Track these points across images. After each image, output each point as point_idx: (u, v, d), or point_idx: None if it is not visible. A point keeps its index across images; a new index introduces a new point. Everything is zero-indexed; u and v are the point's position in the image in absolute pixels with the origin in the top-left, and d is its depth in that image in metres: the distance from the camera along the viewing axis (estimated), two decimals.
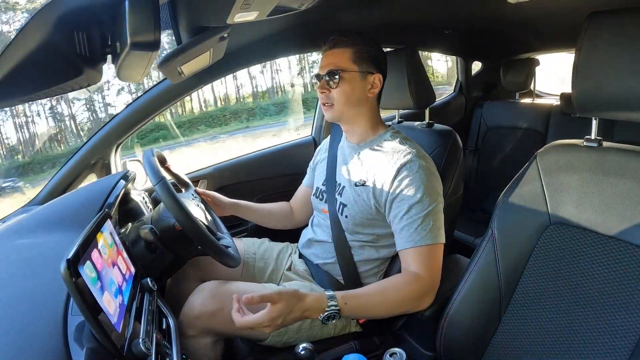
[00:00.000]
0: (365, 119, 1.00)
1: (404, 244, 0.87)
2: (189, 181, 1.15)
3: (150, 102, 1.25)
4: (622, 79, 0.62)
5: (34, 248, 0.77)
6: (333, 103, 0.97)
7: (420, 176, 0.87)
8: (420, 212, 0.86)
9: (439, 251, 0.87)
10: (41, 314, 0.56)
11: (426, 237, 0.85)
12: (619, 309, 0.63)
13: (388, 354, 0.69)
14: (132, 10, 0.52)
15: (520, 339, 0.74)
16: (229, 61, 1.19)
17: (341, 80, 0.94)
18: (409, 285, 0.84)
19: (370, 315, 0.85)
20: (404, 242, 0.87)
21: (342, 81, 0.94)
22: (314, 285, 1.02)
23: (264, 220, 1.24)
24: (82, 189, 1.09)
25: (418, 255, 0.85)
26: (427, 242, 0.85)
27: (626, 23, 0.62)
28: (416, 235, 0.85)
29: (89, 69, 0.62)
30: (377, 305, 0.83)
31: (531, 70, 2.15)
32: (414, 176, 0.87)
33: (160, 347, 0.64)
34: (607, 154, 0.69)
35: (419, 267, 0.85)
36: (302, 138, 1.75)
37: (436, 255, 0.86)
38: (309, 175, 1.24)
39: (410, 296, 0.83)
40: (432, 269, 0.85)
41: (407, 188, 0.87)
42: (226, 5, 0.68)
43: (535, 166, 0.77)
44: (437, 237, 0.86)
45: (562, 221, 0.71)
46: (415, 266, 0.85)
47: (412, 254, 0.86)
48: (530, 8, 1.21)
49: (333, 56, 0.95)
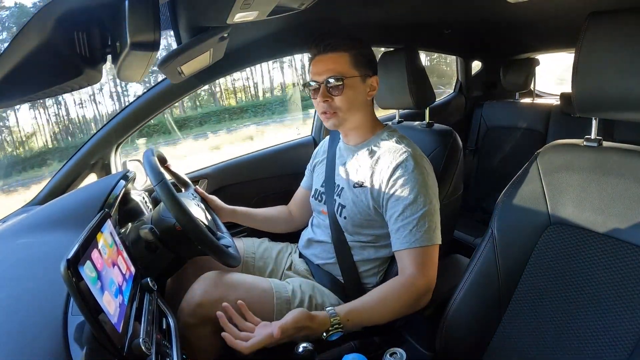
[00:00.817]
0: (365, 121, 1.00)
1: (400, 245, 0.87)
2: (189, 181, 1.15)
3: (150, 102, 1.25)
4: (622, 79, 0.62)
5: (34, 248, 0.77)
6: (336, 111, 0.93)
7: (415, 176, 0.87)
8: (415, 213, 0.85)
9: (434, 252, 0.87)
10: (41, 314, 0.56)
11: (421, 239, 0.85)
12: (619, 309, 0.63)
13: (388, 353, 0.69)
14: (132, 10, 0.52)
15: (520, 338, 0.74)
16: (229, 61, 1.19)
17: (345, 87, 0.91)
18: (406, 289, 0.83)
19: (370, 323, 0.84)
20: (399, 243, 0.87)
21: (345, 88, 0.91)
22: (316, 283, 1.02)
23: (262, 226, 1.24)
24: (82, 189, 1.09)
25: (413, 257, 0.85)
26: (423, 244, 0.85)
27: (626, 23, 0.62)
28: (411, 237, 0.85)
29: (89, 69, 0.62)
30: (377, 314, 0.83)
31: (531, 70, 2.15)
32: (409, 176, 0.87)
33: (160, 347, 0.64)
34: (607, 154, 0.69)
35: (414, 269, 0.85)
36: (301, 138, 1.75)
37: (431, 256, 0.86)
38: (307, 178, 1.24)
39: (408, 300, 0.83)
40: (427, 270, 0.85)
41: (402, 188, 0.87)
42: (226, 5, 0.68)
43: (535, 166, 0.77)
44: (432, 238, 0.86)
45: (562, 221, 0.71)
46: (411, 268, 0.85)
47: (407, 256, 0.86)
48: (530, 8, 1.21)
49: (330, 61, 0.91)
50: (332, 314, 0.78)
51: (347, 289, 1.00)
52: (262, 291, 0.91)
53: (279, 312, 0.90)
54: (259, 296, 0.90)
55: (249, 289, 0.90)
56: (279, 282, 0.97)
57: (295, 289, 0.95)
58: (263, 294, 0.91)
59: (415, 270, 0.85)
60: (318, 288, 0.99)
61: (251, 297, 0.87)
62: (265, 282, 0.95)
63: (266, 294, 0.91)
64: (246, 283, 0.92)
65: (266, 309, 0.88)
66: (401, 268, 0.88)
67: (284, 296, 0.92)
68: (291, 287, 0.95)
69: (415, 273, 0.85)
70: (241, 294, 0.87)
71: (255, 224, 1.23)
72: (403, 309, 0.84)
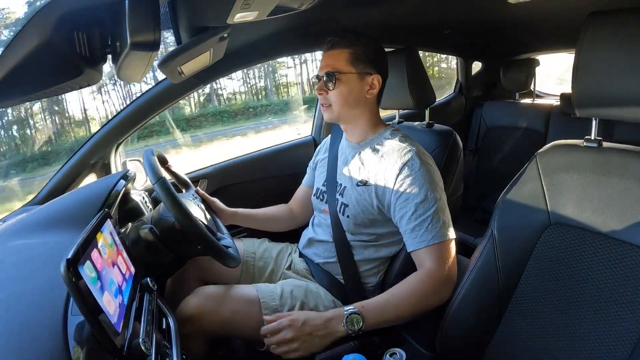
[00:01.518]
0: (364, 119, 1.00)
1: (417, 245, 0.86)
2: (189, 181, 1.15)
3: (150, 102, 1.25)
4: (622, 79, 0.62)
5: (34, 248, 0.77)
6: (330, 104, 0.97)
7: (423, 174, 0.87)
8: (427, 210, 0.86)
9: (451, 247, 0.87)
10: (41, 314, 0.56)
11: (437, 235, 0.85)
12: (619, 309, 0.63)
13: (388, 354, 0.69)
14: (132, 10, 0.52)
15: (520, 338, 0.74)
16: (229, 61, 1.19)
17: (338, 82, 0.94)
18: (423, 282, 0.84)
19: (393, 319, 0.83)
20: (416, 243, 0.86)
21: (339, 83, 0.94)
22: (311, 284, 1.02)
23: (264, 226, 1.24)
24: (82, 189, 1.09)
25: (431, 253, 0.85)
26: (439, 240, 0.85)
27: (626, 23, 0.62)
28: (427, 234, 0.85)
29: (89, 69, 0.62)
30: (397, 308, 0.82)
31: (531, 71, 2.15)
32: (417, 174, 0.87)
33: (160, 347, 0.64)
34: (607, 154, 0.69)
35: (432, 263, 0.85)
36: (302, 138, 1.75)
37: (449, 250, 0.86)
38: (309, 175, 1.24)
39: (426, 293, 0.83)
40: (445, 263, 0.85)
41: (411, 187, 0.87)
42: (226, 5, 0.68)
43: (535, 166, 0.77)
44: (447, 234, 0.86)
45: (562, 221, 0.71)
46: (429, 263, 0.85)
47: (425, 253, 0.86)
48: (530, 8, 1.21)
49: (331, 58, 0.96)
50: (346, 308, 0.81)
51: (346, 288, 1.00)
52: (246, 302, 0.92)
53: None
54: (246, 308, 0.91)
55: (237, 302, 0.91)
56: (267, 289, 0.96)
57: (285, 295, 0.95)
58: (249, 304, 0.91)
59: (434, 264, 0.85)
60: (312, 292, 0.99)
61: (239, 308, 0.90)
62: (252, 290, 0.95)
63: (252, 305, 0.91)
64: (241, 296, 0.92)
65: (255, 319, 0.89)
66: (420, 264, 0.87)
67: (271, 305, 0.92)
68: (279, 293, 0.95)
69: (434, 266, 0.84)
70: (232, 306, 0.89)
71: (257, 224, 1.23)
72: (422, 300, 0.83)
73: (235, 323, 0.89)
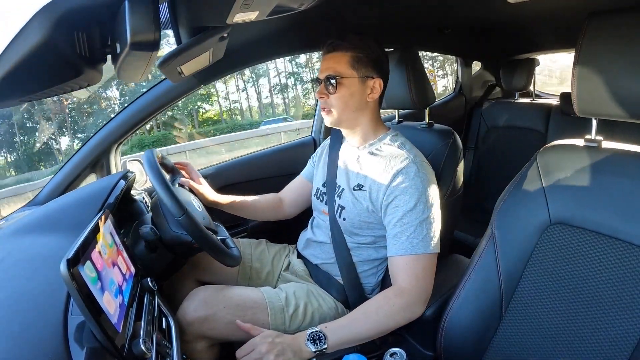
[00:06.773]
0: (364, 122, 0.98)
1: (395, 251, 0.86)
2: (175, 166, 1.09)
3: (150, 102, 1.25)
4: (622, 79, 0.62)
5: (34, 248, 0.77)
6: (331, 109, 0.95)
7: (416, 183, 0.86)
8: (413, 220, 0.85)
9: (429, 261, 0.85)
10: (41, 314, 0.56)
11: (417, 246, 0.84)
12: (619, 309, 0.63)
13: (388, 354, 0.69)
14: (132, 10, 0.52)
15: (521, 338, 0.74)
16: (229, 61, 1.19)
17: (339, 86, 0.92)
18: (392, 300, 0.83)
19: (359, 338, 0.83)
20: (395, 249, 0.86)
21: (340, 87, 0.92)
22: (311, 286, 1.02)
23: (249, 213, 1.19)
24: (82, 189, 1.09)
25: (406, 265, 0.84)
26: (418, 251, 0.83)
27: (626, 23, 0.62)
28: (407, 243, 0.84)
29: (89, 69, 0.62)
30: (362, 326, 0.82)
31: (531, 71, 2.15)
32: (410, 182, 0.86)
33: (161, 347, 0.64)
34: (607, 154, 0.69)
35: (404, 279, 0.84)
36: (302, 138, 1.75)
37: (426, 265, 0.85)
38: (309, 167, 1.22)
39: (396, 311, 0.82)
40: (419, 280, 0.84)
41: (402, 194, 0.86)
42: (226, 5, 0.68)
43: (535, 166, 0.77)
44: (429, 246, 0.84)
45: (562, 221, 0.71)
46: (402, 277, 0.84)
47: (400, 263, 0.85)
48: (530, 8, 1.21)
49: (331, 61, 0.94)
50: (310, 328, 0.81)
51: (346, 288, 1.00)
52: (254, 303, 0.91)
53: (274, 321, 0.90)
54: (252, 309, 0.90)
55: (240, 303, 0.90)
56: (271, 290, 0.96)
57: (289, 295, 0.95)
58: (255, 305, 0.91)
59: (405, 280, 0.84)
60: (314, 292, 0.99)
61: (244, 311, 0.89)
62: (257, 292, 0.94)
63: (259, 305, 0.91)
64: (237, 297, 0.91)
65: (261, 320, 0.89)
66: (394, 276, 0.86)
67: (277, 305, 0.92)
68: (284, 294, 0.95)
69: (406, 284, 0.84)
70: (232, 310, 0.88)
71: (242, 211, 1.18)
72: (391, 319, 0.82)
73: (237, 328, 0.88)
